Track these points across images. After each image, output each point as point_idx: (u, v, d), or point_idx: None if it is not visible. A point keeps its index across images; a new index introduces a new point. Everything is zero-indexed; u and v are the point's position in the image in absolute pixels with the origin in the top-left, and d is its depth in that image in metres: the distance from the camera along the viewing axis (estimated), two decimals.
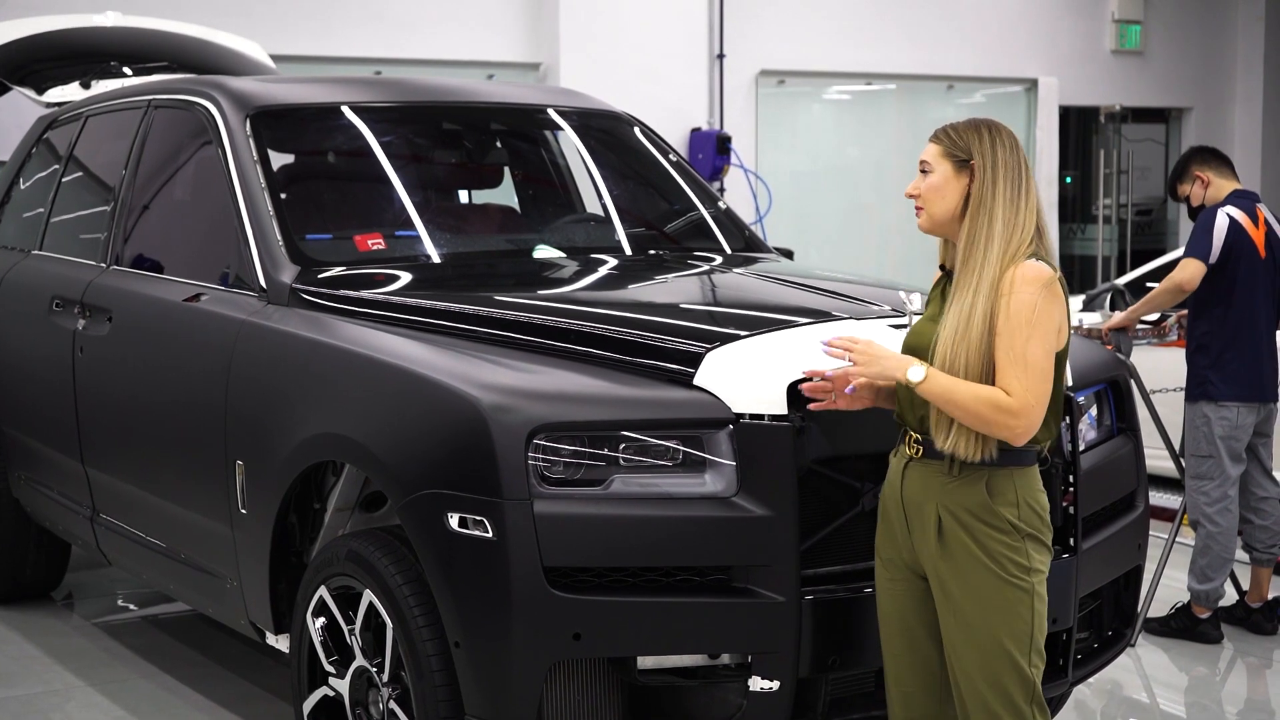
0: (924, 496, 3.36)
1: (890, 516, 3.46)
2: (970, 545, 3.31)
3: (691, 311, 4.28)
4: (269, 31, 9.38)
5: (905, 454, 3.42)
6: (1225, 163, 5.91)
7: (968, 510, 3.31)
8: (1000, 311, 3.23)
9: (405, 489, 3.66)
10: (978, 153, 3.33)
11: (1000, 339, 3.23)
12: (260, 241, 4.57)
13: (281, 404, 4.20)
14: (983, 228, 3.30)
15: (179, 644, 5.75)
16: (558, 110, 5.61)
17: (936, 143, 3.41)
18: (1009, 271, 3.26)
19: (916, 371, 3.25)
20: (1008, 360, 3.22)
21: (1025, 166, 3.36)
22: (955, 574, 3.33)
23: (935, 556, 3.35)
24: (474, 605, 3.52)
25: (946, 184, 3.36)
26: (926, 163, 3.40)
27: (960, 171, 3.35)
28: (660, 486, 3.52)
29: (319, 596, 4.00)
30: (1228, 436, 5.69)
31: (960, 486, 3.32)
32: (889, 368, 3.30)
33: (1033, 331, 3.23)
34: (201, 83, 5.29)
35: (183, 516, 4.74)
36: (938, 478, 3.34)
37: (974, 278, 3.27)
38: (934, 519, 3.34)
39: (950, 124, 3.42)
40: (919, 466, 3.38)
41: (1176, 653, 5.81)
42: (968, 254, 3.30)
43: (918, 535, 3.39)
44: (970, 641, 3.33)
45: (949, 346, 3.26)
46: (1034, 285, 3.24)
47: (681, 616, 3.50)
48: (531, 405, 3.53)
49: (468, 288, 4.55)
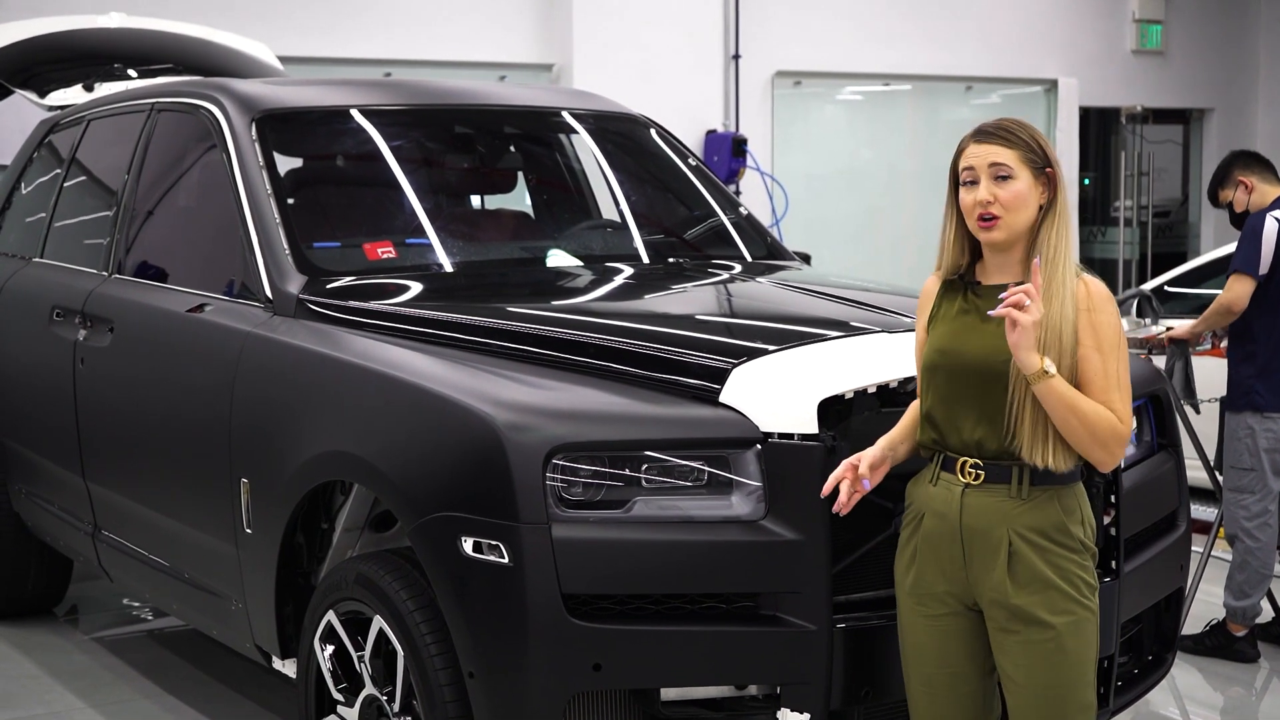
0: (990, 523, 3.15)
1: (939, 548, 3.22)
2: (1044, 569, 3.13)
3: (716, 324, 4.11)
4: (277, 32, 9.23)
5: (958, 481, 3.20)
6: (1269, 167, 5.72)
7: (1041, 532, 3.14)
8: (1086, 328, 3.10)
9: (417, 511, 3.50)
10: (1054, 160, 3.17)
11: (1092, 358, 3.09)
12: (266, 250, 4.42)
13: (288, 420, 4.03)
14: (1064, 240, 3.15)
15: (183, 661, 5.59)
16: (572, 113, 5.45)
17: (1009, 146, 3.14)
18: (1081, 285, 3.13)
19: (1050, 364, 3.06)
20: (1108, 383, 3.09)
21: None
22: (1028, 600, 3.14)
23: (1003, 585, 3.15)
24: (489, 634, 3.36)
25: (1030, 193, 3.14)
26: (1004, 165, 3.13)
27: (1037, 179, 3.14)
28: (684, 509, 3.36)
29: (327, 621, 3.85)
30: (1272, 449, 5.51)
31: (1033, 509, 3.14)
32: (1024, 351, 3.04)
33: (1121, 354, 3.14)
34: (206, 85, 5.14)
35: (186, 534, 4.58)
36: (1005, 502, 3.14)
37: (1062, 288, 3.09)
38: (1004, 545, 3.14)
39: (1007, 125, 3.18)
40: (979, 493, 3.16)
41: (1211, 672, 5.64)
42: (1053, 267, 3.10)
43: (976, 565, 3.17)
44: (1045, 666, 3.15)
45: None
46: (1112, 303, 3.15)
47: (707, 646, 3.34)
48: (549, 424, 3.37)
49: (481, 298, 4.39)
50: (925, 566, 3.25)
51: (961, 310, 3.21)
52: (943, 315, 3.25)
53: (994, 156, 3.14)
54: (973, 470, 3.17)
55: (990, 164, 3.13)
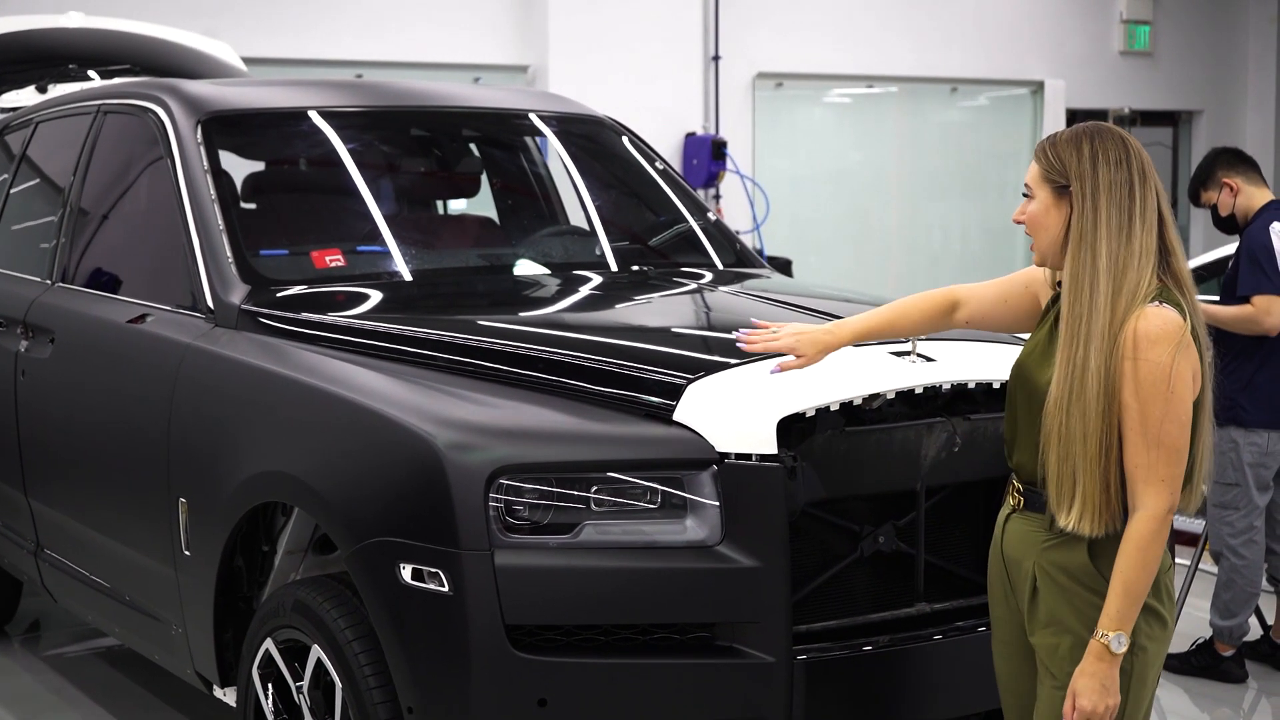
0: (1022, 553, 2.97)
1: (993, 574, 3.08)
2: (1062, 610, 2.90)
3: (673, 337, 3.92)
4: (247, 34, 9.05)
5: (1009, 504, 3.03)
6: (1253, 167, 5.51)
7: (1065, 572, 2.89)
8: (1125, 376, 2.76)
9: (354, 536, 3.31)
10: (1075, 176, 2.84)
11: (1129, 412, 2.76)
12: (208, 258, 4.22)
13: (225, 437, 3.84)
14: (1086, 266, 2.81)
15: (132, 683, 5.39)
16: (537, 115, 5.24)
17: (1037, 161, 2.93)
18: (1129, 324, 2.76)
19: (1117, 643, 2.78)
20: (1142, 442, 2.76)
21: (1142, 179, 2.83)
22: (1041, 642, 2.94)
23: (1029, 621, 2.98)
24: (428, 667, 3.18)
25: (1047, 214, 2.88)
26: (1029, 187, 2.93)
27: (1060, 198, 2.87)
28: (636, 534, 3.17)
29: (265, 649, 3.66)
30: (1257, 464, 5.32)
31: (1059, 546, 2.90)
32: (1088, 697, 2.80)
33: (1169, 406, 2.75)
34: (153, 86, 4.94)
35: (126, 556, 4.39)
36: (1037, 533, 2.93)
37: (1082, 326, 2.79)
38: (1030, 578, 2.94)
39: (1053, 136, 2.94)
40: (1020, 520, 2.98)
41: (1198, 692, 5.46)
42: (1073, 297, 2.81)
43: (1019, 596, 3.00)
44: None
45: (1064, 410, 2.79)
46: (1165, 345, 2.75)
47: (659, 679, 3.15)
48: (493, 444, 3.19)
49: (431, 309, 4.20)
50: (992, 589, 3.11)
51: (1052, 326, 2.97)
52: (1042, 324, 3.02)
53: (1028, 174, 2.95)
54: (1016, 494, 3.00)
55: (1025, 182, 2.96)
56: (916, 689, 3.38)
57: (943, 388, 3.43)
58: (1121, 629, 2.77)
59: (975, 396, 3.50)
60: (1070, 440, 2.78)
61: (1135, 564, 2.76)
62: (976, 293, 3.25)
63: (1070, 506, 2.80)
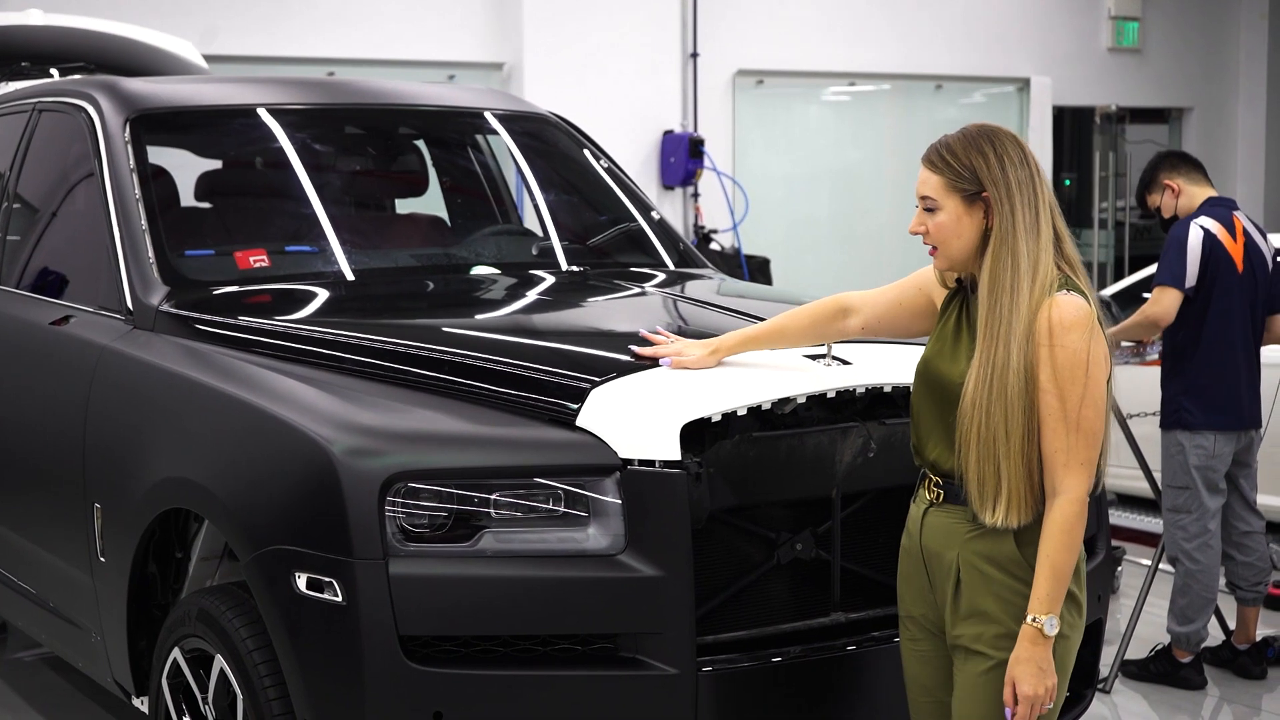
0: (944, 546, 2.95)
1: (909, 571, 3.05)
2: (985, 601, 2.89)
3: (587, 339, 3.83)
4: (219, 30, 8.98)
5: (924, 499, 3.00)
6: (1197, 168, 5.42)
7: (991, 560, 2.88)
8: (1042, 362, 2.78)
9: (252, 543, 3.25)
10: (989, 181, 2.84)
11: (1047, 397, 2.78)
12: (130, 258, 4.15)
13: (136, 442, 3.78)
14: (1006, 269, 2.82)
15: (72, 688, 5.31)
16: (479, 112, 5.16)
17: (935, 171, 2.89)
18: (1043, 313, 2.79)
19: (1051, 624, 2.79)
20: (1062, 427, 2.78)
21: (1035, 172, 2.88)
22: (964, 631, 2.92)
23: (950, 615, 2.95)
24: (323, 678, 3.12)
25: (959, 222, 2.87)
26: (929, 199, 2.90)
27: (973, 205, 2.86)
28: (536, 543, 3.10)
29: (173, 659, 3.59)
30: (1204, 466, 5.22)
31: (983, 537, 2.89)
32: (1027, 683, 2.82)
33: (1086, 390, 2.79)
34: (86, 83, 4.86)
35: (48, 562, 4.32)
36: (960, 524, 2.92)
37: (1003, 326, 2.80)
38: (953, 571, 2.92)
39: (945, 143, 2.91)
40: (939, 514, 2.96)
41: (1156, 699, 5.36)
42: (994, 299, 2.82)
43: (940, 591, 2.97)
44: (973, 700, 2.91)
45: (983, 410, 2.79)
46: (1079, 331, 2.79)
47: (560, 692, 3.08)
48: (390, 449, 3.11)
49: (350, 311, 4.12)
50: (904, 587, 3.09)
51: (955, 322, 2.99)
52: (944, 321, 3.02)
53: (922, 186, 2.91)
54: (935, 489, 2.97)
55: (920, 194, 2.91)
56: (828, 700, 3.30)
57: (857, 391, 3.35)
58: (1052, 611, 2.79)
59: (895, 400, 3.41)
60: (991, 440, 2.79)
61: (1061, 546, 2.79)
62: (869, 300, 3.24)
63: (995, 504, 2.81)
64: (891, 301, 3.21)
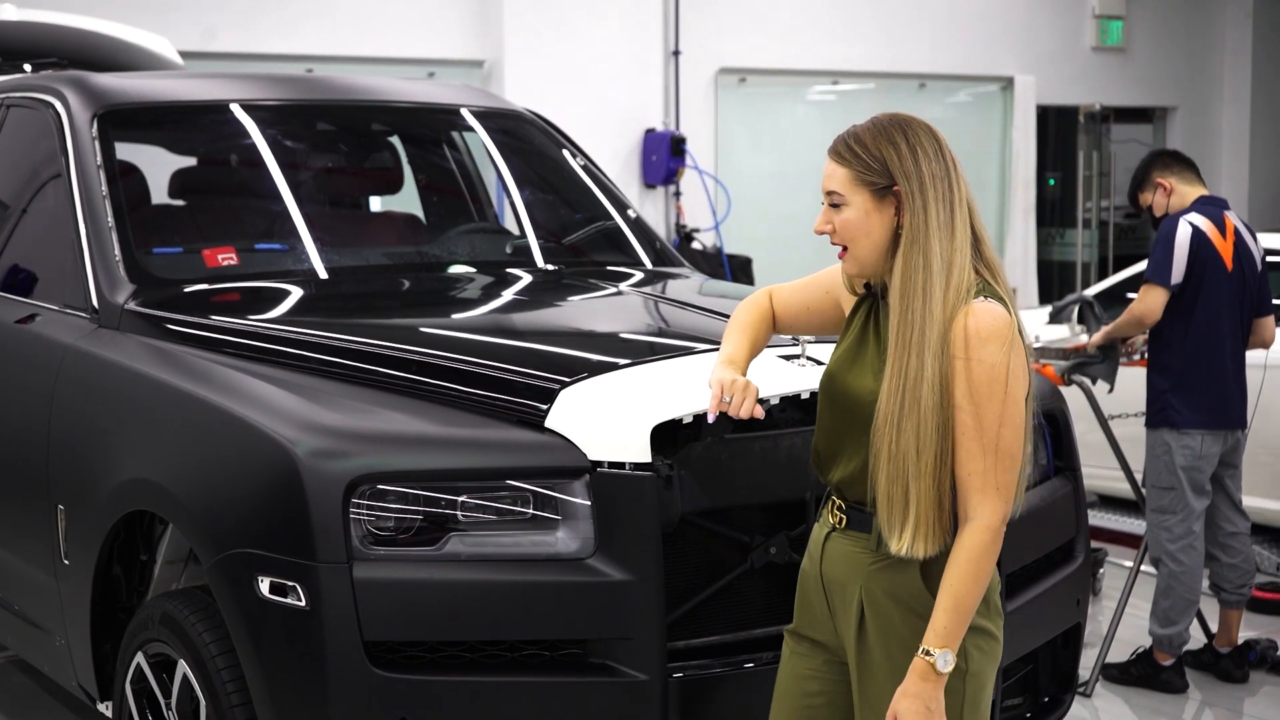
0: (847, 577, 2.72)
1: (809, 594, 2.82)
2: (891, 640, 2.66)
3: (558, 339, 3.78)
4: (197, 26, 8.90)
5: (827, 521, 2.77)
6: (1190, 167, 5.38)
7: (894, 598, 2.66)
8: (957, 375, 2.55)
9: (215, 547, 3.19)
10: (900, 174, 2.60)
11: (962, 414, 2.55)
12: (96, 255, 4.08)
13: (99, 442, 3.72)
14: (918, 271, 2.58)
15: (40, 690, 5.24)
16: (454, 108, 5.10)
17: (842, 164, 2.65)
18: (958, 321, 2.55)
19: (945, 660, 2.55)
20: (977, 448, 2.54)
21: (954, 166, 2.64)
22: (869, 671, 2.70)
23: (853, 648, 2.73)
24: (286, 684, 3.07)
25: (868, 219, 2.64)
26: (836, 194, 2.66)
27: (883, 201, 2.62)
28: (504, 546, 3.05)
29: (136, 663, 3.52)
30: (1190, 467, 5.17)
31: (888, 569, 2.66)
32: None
33: (1005, 409, 2.55)
34: (55, 79, 4.79)
35: (11, 564, 4.26)
36: (863, 554, 2.69)
37: (915, 334, 2.56)
38: (856, 605, 2.69)
39: (853, 133, 2.66)
40: (841, 540, 2.73)
41: (1137, 703, 5.31)
42: (904, 304, 2.58)
43: (840, 620, 2.75)
44: None
45: (894, 426, 2.56)
46: (997, 343, 2.55)
47: (528, 699, 3.03)
48: (354, 451, 3.06)
49: (318, 310, 4.06)
50: (801, 610, 2.86)
51: (861, 331, 2.76)
52: (850, 330, 2.79)
53: (828, 180, 2.68)
54: (838, 512, 2.75)
55: (825, 189, 2.70)
56: None
57: None
58: (948, 646, 2.55)
59: None
60: (902, 457, 2.56)
61: (966, 577, 2.55)
62: (783, 300, 3.02)
63: (902, 530, 2.57)
64: (800, 306, 2.99)
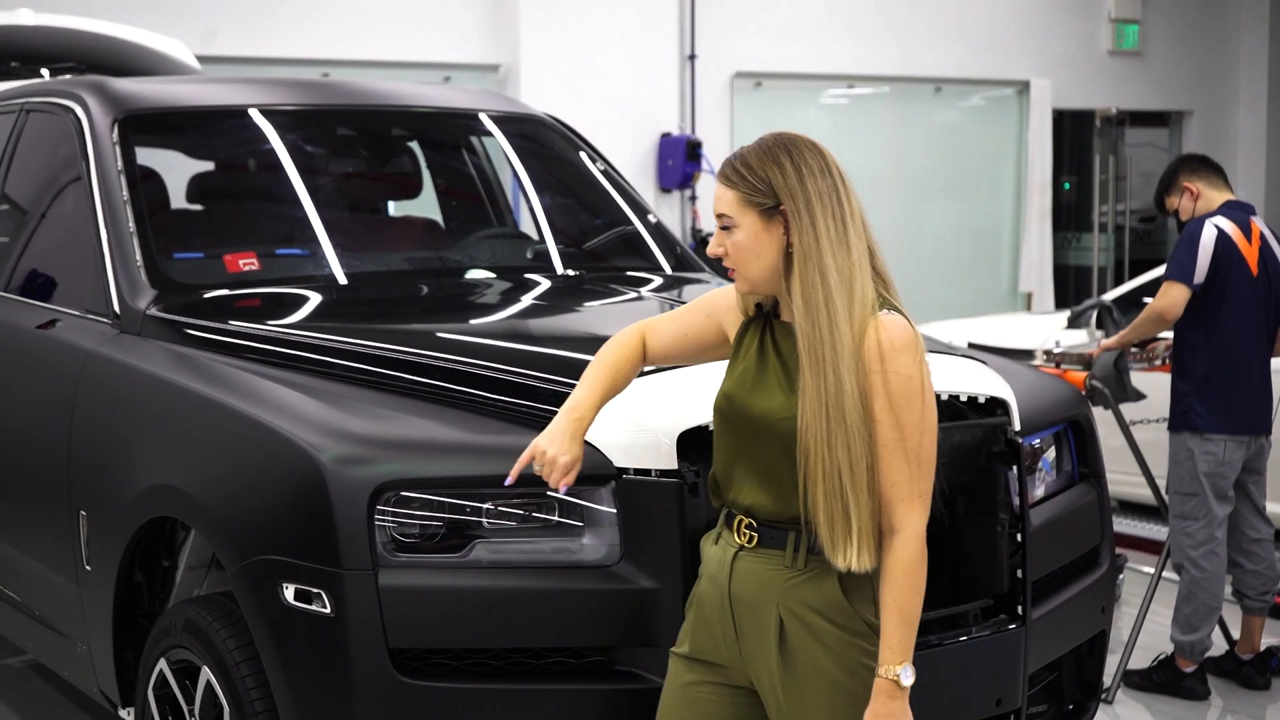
0: (761, 595, 2.68)
1: (709, 616, 2.76)
2: (818, 654, 2.65)
3: (579, 344, 3.75)
4: (215, 31, 8.91)
5: (734, 542, 2.73)
6: (1217, 172, 5.36)
7: (816, 611, 2.65)
8: (875, 389, 2.57)
9: (239, 553, 3.17)
10: (785, 194, 2.62)
11: (882, 428, 2.57)
12: (117, 261, 4.08)
13: (122, 448, 3.71)
14: (816, 288, 2.59)
15: (61, 696, 5.24)
16: (473, 113, 5.09)
17: (730, 186, 2.66)
18: (870, 335, 2.58)
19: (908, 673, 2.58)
20: (901, 458, 2.57)
21: (843, 182, 2.67)
22: (798, 690, 2.67)
23: (774, 668, 2.68)
24: (310, 692, 3.05)
25: (758, 240, 2.64)
26: (725, 216, 2.66)
27: (771, 220, 2.63)
28: (529, 553, 3.04)
29: (159, 670, 3.51)
30: (1213, 473, 5.14)
31: (806, 582, 2.65)
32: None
33: (923, 417, 2.59)
34: (75, 84, 4.79)
35: (33, 569, 4.25)
36: (778, 572, 2.67)
37: (827, 350, 2.56)
38: (774, 623, 2.67)
39: (740, 155, 2.68)
40: (752, 559, 2.70)
41: (1159, 710, 5.29)
42: (810, 321, 2.58)
43: (750, 642, 2.71)
44: None
45: (824, 443, 2.55)
46: (909, 354, 2.59)
47: (553, 706, 3.01)
48: (379, 458, 3.05)
49: (341, 315, 4.05)
50: (699, 634, 2.79)
51: (759, 351, 2.75)
52: (744, 352, 2.77)
53: (718, 203, 2.68)
54: (747, 531, 2.71)
55: (716, 212, 2.69)
56: None
57: None
58: (905, 659, 2.58)
59: None
60: (837, 474, 2.55)
61: (909, 589, 2.58)
62: (656, 329, 2.96)
63: (847, 545, 2.56)
64: (676, 333, 2.93)
